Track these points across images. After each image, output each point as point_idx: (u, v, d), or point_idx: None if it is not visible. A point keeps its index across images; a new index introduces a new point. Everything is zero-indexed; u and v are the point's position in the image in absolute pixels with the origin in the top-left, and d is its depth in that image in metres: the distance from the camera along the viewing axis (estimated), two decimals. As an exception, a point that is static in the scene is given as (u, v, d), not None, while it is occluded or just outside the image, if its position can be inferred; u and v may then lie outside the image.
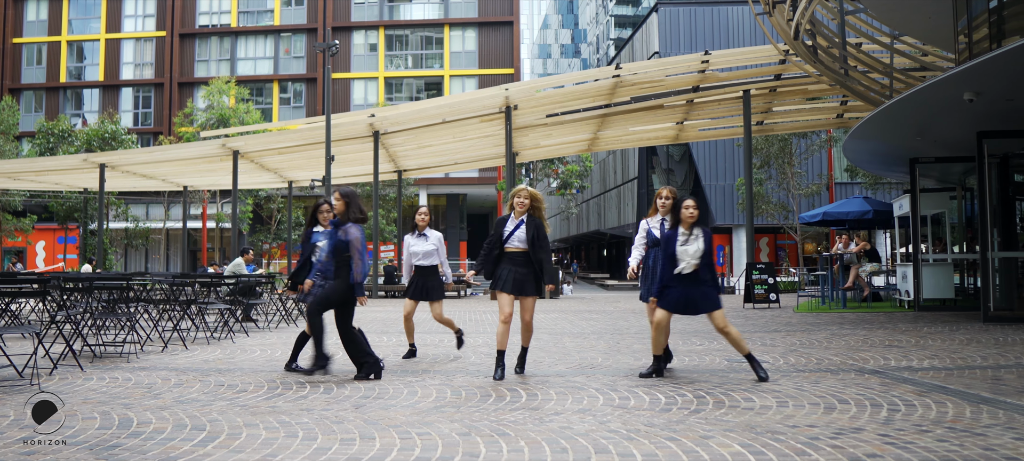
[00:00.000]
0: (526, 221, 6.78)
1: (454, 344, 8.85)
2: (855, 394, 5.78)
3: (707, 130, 29.22)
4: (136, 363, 7.69)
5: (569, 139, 28.48)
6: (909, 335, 10.31)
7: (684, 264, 6.51)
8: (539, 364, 7.69)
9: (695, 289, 6.52)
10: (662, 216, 7.21)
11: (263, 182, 32.76)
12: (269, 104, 47.51)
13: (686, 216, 6.59)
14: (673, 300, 6.54)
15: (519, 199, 6.81)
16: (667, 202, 7.14)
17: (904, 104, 12.38)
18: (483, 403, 5.51)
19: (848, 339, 9.92)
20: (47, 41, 49.47)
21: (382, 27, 47.63)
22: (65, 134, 35.78)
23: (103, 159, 25.35)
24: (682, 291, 6.52)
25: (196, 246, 45.91)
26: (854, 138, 15.01)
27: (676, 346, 9.17)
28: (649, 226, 7.30)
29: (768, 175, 36.20)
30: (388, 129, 24.95)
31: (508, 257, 6.75)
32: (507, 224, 6.83)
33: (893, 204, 17.48)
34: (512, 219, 6.84)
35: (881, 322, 12.50)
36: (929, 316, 13.56)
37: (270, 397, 5.78)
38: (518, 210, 6.81)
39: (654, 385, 6.28)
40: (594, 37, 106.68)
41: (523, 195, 6.82)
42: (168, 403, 5.51)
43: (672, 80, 24.76)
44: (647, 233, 7.30)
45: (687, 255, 6.51)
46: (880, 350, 8.64)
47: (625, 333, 11.02)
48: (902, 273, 16.28)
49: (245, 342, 9.89)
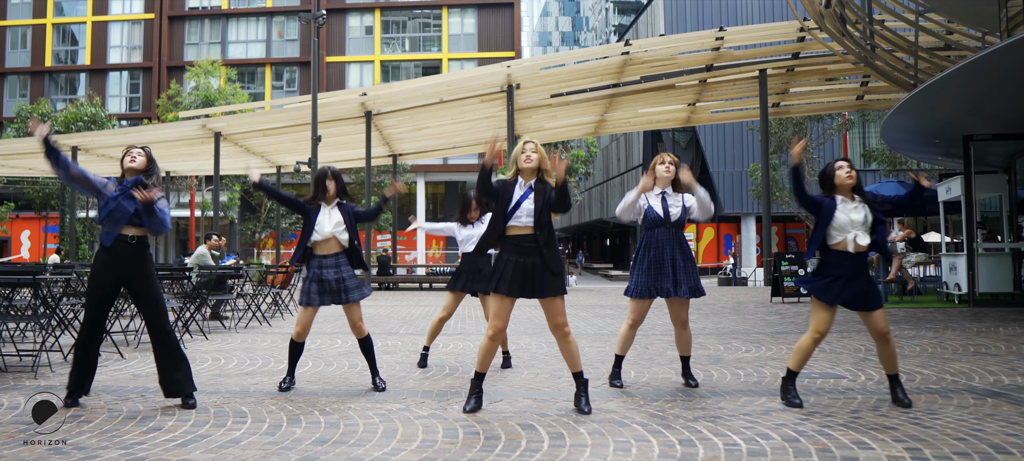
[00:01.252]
0: (535, 188, 4.82)
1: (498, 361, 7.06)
2: (1004, 434, 4.16)
3: (720, 112, 27.54)
4: (45, 379, 6.04)
5: (575, 121, 26.79)
6: (989, 338, 8.68)
7: (850, 238, 4.85)
8: (557, 380, 6.04)
9: (860, 278, 4.88)
10: (662, 188, 5.59)
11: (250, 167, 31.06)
12: (261, 89, 45.76)
13: (842, 179, 4.93)
14: (838, 292, 4.84)
15: (525, 155, 4.84)
16: (671, 167, 5.53)
17: (963, 72, 10.78)
18: (488, 452, 3.88)
19: (919, 342, 8.29)
20: (32, 24, 47.65)
21: (378, 9, 45.84)
22: (45, 118, 34.04)
23: (75, 141, 23.62)
24: (848, 280, 4.85)
25: (185, 235, 44.27)
26: (899, 114, 13.35)
27: (718, 353, 7.53)
28: (649, 202, 5.57)
29: (782, 160, 34.58)
30: (381, 109, 23.25)
31: (510, 242, 4.79)
32: (515, 190, 4.82)
33: (938, 188, 15.81)
34: (520, 184, 4.86)
35: (941, 320, 10.88)
36: (992, 313, 11.93)
37: (188, 439, 4.14)
38: (525, 169, 4.84)
39: (718, 418, 4.64)
40: (595, 25, 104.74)
41: (530, 150, 4.87)
42: (37, 453, 3.87)
43: (684, 58, 23.11)
44: (646, 210, 5.55)
45: (853, 226, 4.86)
46: (973, 360, 7.00)
47: (649, 333, 9.37)
48: (949, 264, 14.63)
49: (199, 348, 8.24)
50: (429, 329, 6.82)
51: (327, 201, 5.69)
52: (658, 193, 5.58)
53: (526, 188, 4.81)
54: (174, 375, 4.96)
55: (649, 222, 5.54)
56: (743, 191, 42.85)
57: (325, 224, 5.60)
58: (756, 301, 15.74)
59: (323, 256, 5.63)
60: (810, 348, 4.95)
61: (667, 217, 5.51)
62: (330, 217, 5.63)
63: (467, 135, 26.89)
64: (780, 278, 15.63)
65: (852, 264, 4.86)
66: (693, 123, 28.22)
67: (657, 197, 5.56)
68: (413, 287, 24.40)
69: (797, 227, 43.20)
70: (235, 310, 12.38)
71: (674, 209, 5.53)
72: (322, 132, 22.45)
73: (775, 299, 15.83)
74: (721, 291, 21.18)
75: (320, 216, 5.62)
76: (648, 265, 5.51)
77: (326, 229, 5.59)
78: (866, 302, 4.85)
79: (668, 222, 5.51)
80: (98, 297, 4.95)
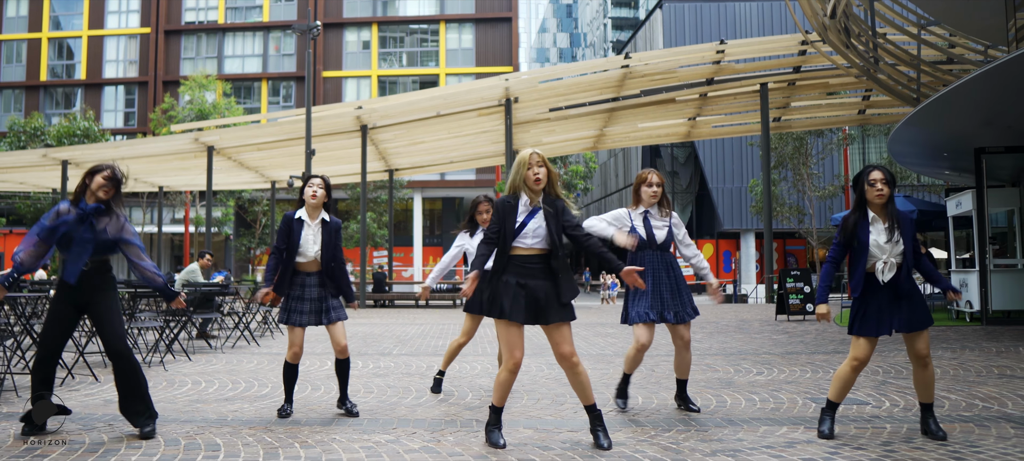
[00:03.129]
0: (543, 206, 4.36)
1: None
2: (1058, 472, 3.74)
3: (721, 127, 27.25)
4: (8, 407, 5.60)
5: (574, 136, 26.48)
6: (1011, 359, 8.27)
7: (884, 263, 4.45)
8: (560, 406, 5.62)
9: (903, 298, 4.48)
10: (646, 208, 5.21)
11: (244, 182, 30.66)
12: (257, 104, 45.45)
13: (874, 197, 4.51)
14: (876, 322, 4.47)
15: (533, 172, 4.31)
16: (658, 190, 5.16)
17: (975, 84, 10.44)
18: (485, 493, 3.46)
19: (939, 364, 7.87)
20: (27, 38, 47.36)
21: (375, 23, 45.63)
22: (37, 132, 33.67)
23: (65, 155, 23.24)
24: (890, 302, 4.48)
25: (180, 251, 43.83)
26: (910, 125, 13.00)
27: (729, 376, 7.11)
28: (632, 222, 5.19)
29: (782, 176, 34.28)
30: (378, 123, 22.92)
31: (516, 263, 4.31)
32: (519, 211, 4.37)
33: (947, 203, 15.44)
34: (524, 204, 4.38)
35: (957, 340, 10.47)
36: (1008, 332, 11.52)
37: (154, 477, 3.72)
38: (532, 189, 4.34)
39: (737, 452, 4.22)
40: (593, 40, 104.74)
41: (536, 165, 4.33)
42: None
43: (684, 72, 22.86)
44: (629, 231, 5.14)
45: (881, 252, 4.46)
46: (1000, 383, 6.59)
47: (655, 355, 8.94)
48: (959, 281, 14.24)
49: (180, 370, 7.80)
50: (446, 353, 6.36)
51: (312, 216, 5.29)
52: (641, 212, 5.23)
53: (532, 208, 4.35)
54: (135, 405, 4.55)
55: (642, 243, 5.17)
56: (743, 207, 42.53)
57: (309, 245, 5.21)
58: (760, 319, 15.33)
59: (307, 274, 5.23)
60: (850, 377, 4.55)
61: (651, 240, 5.17)
62: (315, 237, 5.24)
63: (465, 150, 26.57)
64: (785, 295, 15.23)
65: (890, 285, 4.46)
66: (693, 138, 27.92)
67: (640, 217, 5.21)
68: (409, 305, 23.96)
69: (798, 244, 42.88)
70: (223, 328, 11.94)
71: (659, 232, 5.20)
72: (317, 146, 22.10)
73: (780, 317, 15.42)
74: (723, 309, 20.76)
75: (304, 234, 5.22)
76: (639, 289, 5.07)
77: (310, 251, 5.21)
78: (907, 324, 4.45)
79: (653, 245, 5.17)
80: (57, 328, 4.56)
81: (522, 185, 4.34)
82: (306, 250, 5.20)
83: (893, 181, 4.55)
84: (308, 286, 5.21)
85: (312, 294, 5.20)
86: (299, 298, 5.18)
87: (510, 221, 4.30)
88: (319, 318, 5.20)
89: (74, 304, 4.58)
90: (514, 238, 4.31)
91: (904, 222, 4.50)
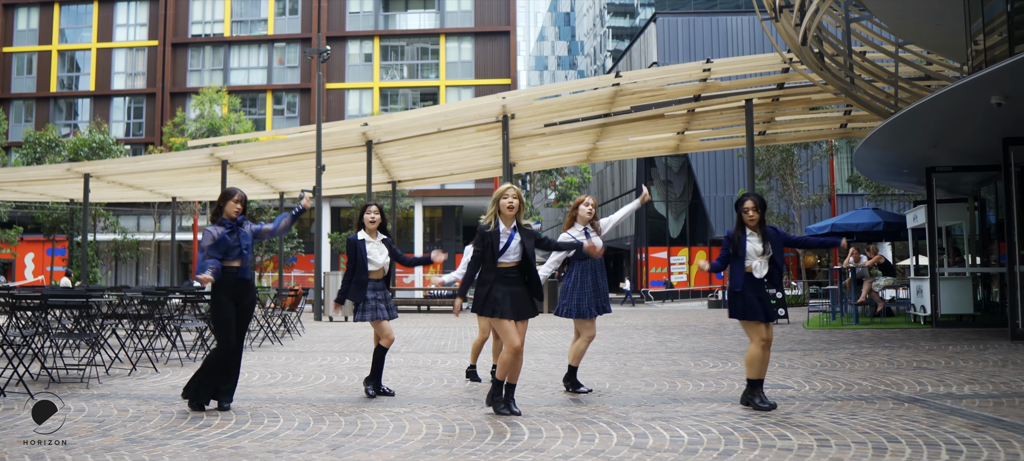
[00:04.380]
0: (518, 229, 5.81)
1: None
2: (902, 429, 5.07)
3: (708, 140, 28.57)
4: (96, 389, 6.95)
5: (568, 149, 27.82)
6: (936, 355, 9.62)
7: (759, 263, 6.00)
8: (541, 390, 6.97)
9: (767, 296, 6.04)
10: (583, 225, 6.77)
11: (254, 193, 31.99)
12: (262, 115, 46.80)
13: (748, 220, 6.09)
14: (757, 310, 5.96)
15: (507, 202, 5.75)
16: (592, 209, 6.79)
17: (923, 110, 11.73)
18: (480, 442, 4.80)
19: (871, 359, 9.22)
20: (37, 50, 48.72)
21: (377, 37, 47.00)
22: (52, 144, 35.00)
23: (87, 169, 24.59)
24: (762, 296, 6.00)
25: (187, 258, 45.14)
26: (867, 146, 14.36)
27: (687, 368, 8.47)
28: (574, 238, 6.69)
29: (770, 186, 35.60)
30: (382, 138, 24.26)
31: (501, 275, 5.71)
32: (500, 236, 5.76)
33: (907, 216, 16.80)
34: (504, 229, 5.78)
35: (900, 340, 11.81)
36: (949, 333, 12.87)
37: (236, 433, 5.06)
38: (507, 215, 5.77)
39: (671, 418, 5.56)
40: (591, 49, 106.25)
41: (511, 196, 5.78)
42: (116, 442, 4.78)
43: (673, 89, 24.16)
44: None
45: (757, 255, 6.00)
46: (911, 373, 7.94)
47: (630, 352, 10.31)
48: (916, 287, 15.59)
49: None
50: (471, 350, 7.67)
51: (372, 235, 6.72)
52: (581, 229, 6.73)
53: (510, 231, 5.77)
54: (228, 385, 5.96)
55: (581, 254, 6.56)
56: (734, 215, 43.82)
57: (377, 256, 6.68)
58: (737, 322, 16.63)
59: (376, 280, 6.68)
60: (762, 355, 5.97)
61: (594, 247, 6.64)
62: (380, 250, 6.72)
63: (464, 162, 27.89)
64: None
65: (762, 282, 6.01)
66: (682, 151, 29.25)
67: (580, 232, 6.72)
68: (412, 310, 25.27)
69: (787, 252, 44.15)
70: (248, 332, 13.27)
71: (597, 240, 6.75)
72: (325, 160, 23.42)
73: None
74: (708, 313, 22.09)
75: (370, 250, 6.66)
76: (586, 288, 6.73)
77: (380, 261, 6.68)
78: (771, 316, 5.96)
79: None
80: (231, 327, 5.95)
81: (498, 212, 5.79)
82: (376, 261, 6.63)
83: (764, 206, 6.16)
84: (378, 289, 6.66)
85: (383, 296, 6.66)
86: (377, 299, 6.60)
87: (496, 244, 5.72)
88: (391, 313, 6.69)
89: (236, 303, 5.98)
90: (500, 256, 5.72)
91: (773, 236, 6.05)
